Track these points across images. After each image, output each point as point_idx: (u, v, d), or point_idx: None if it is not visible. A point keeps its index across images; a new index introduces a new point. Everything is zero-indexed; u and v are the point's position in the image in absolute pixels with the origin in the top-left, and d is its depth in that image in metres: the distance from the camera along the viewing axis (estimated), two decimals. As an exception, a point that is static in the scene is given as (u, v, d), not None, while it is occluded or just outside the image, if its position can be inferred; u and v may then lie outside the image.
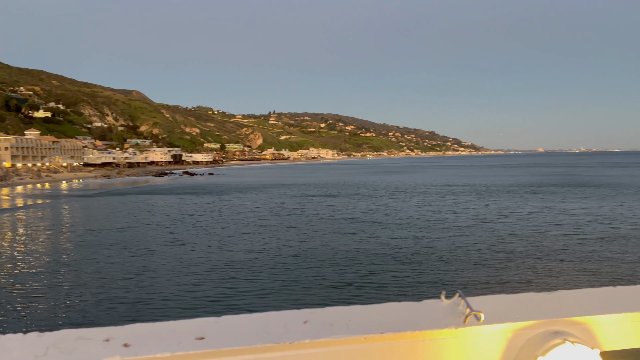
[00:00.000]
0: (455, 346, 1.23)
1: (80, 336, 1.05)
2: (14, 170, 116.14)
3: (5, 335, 1.02)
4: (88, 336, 1.06)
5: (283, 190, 76.95)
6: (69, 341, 1.04)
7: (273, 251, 26.44)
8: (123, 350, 1.02)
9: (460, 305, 1.30)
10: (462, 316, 1.26)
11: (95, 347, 1.03)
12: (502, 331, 1.26)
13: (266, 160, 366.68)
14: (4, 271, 23.01)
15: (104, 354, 1.01)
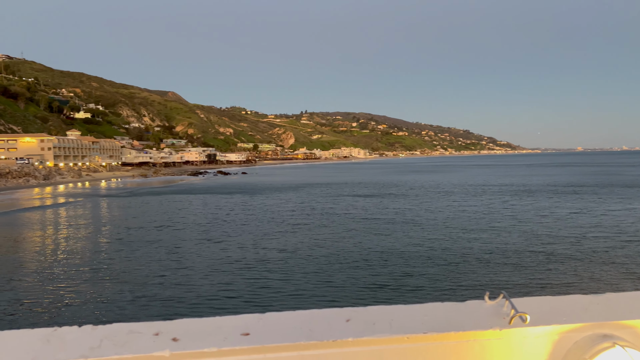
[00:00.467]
0: (499, 347, 1.21)
1: (131, 330, 1.10)
2: (57, 170, 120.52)
3: (62, 328, 1.07)
4: (139, 330, 1.10)
5: (315, 189, 77.12)
6: (121, 334, 1.08)
7: (306, 251, 26.52)
8: (172, 344, 1.06)
9: (505, 307, 1.29)
10: (507, 317, 1.25)
11: (146, 340, 1.07)
12: (549, 333, 1.24)
13: (298, 159, 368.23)
14: (48, 266, 23.89)
15: (154, 348, 1.04)
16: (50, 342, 1.04)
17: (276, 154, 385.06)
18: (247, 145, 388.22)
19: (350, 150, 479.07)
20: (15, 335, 1.04)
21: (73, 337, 1.07)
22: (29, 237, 33.96)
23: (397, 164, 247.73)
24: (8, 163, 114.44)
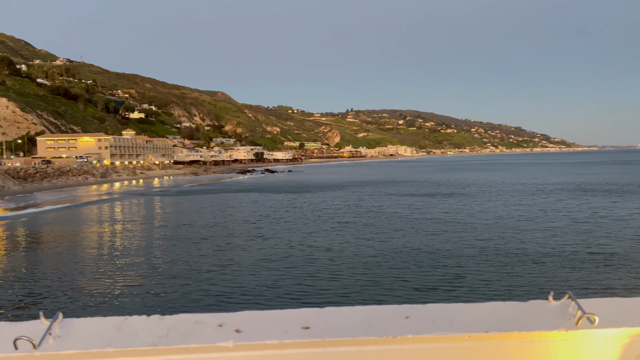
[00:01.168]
0: (565, 349, 1.16)
1: (196, 320, 1.13)
2: (113, 168, 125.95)
3: (132, 317, 1.13)
4: (203, 321, 1.13)
5: (361, 187, 76.81)
6: (187, 324, 1.12)
7: (353, 250, 26.44)
8: (235, 335, 1.08)
9: (571, 307, 1.25)
10: (573, 318, 1.21)
11: (210, 331, 1.10)
12: (618, 336, 1.17)
13: (343, 158, 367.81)
14: (108, 259, 25.01)
15: (218, 338, 1.07)
16: (122, 330, 1.09)
17: (322, 152, 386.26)
18: (294, 144, 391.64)
19: (396, 148, 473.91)
20: (90, 323, 1.09)
21: (142, 326, 1.11)
22: (88, 232, 35.67)
23: (446, 162, 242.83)
24: (69, 161, 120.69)
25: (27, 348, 0.99)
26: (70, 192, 76.16)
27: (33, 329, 1.05)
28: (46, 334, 1.03)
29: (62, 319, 1.09)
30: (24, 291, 19.67)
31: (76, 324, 1.10)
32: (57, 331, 1.05)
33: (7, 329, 1.05)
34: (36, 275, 22.22)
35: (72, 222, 41.98)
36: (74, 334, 1.06)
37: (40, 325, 1.06)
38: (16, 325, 1.08)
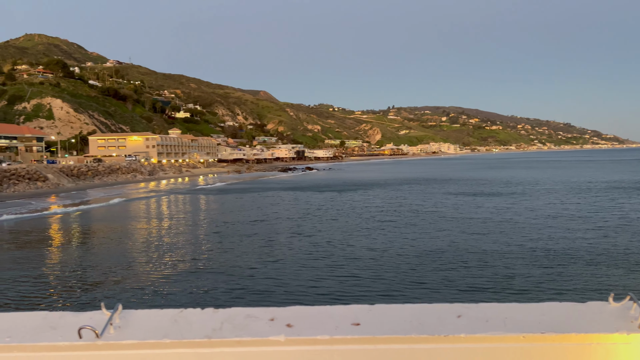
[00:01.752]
0: (627, 353, 1.11)
1: (249, 314, 1.16)
2: (160, 166, 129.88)
3: (187, 309, 1.17)
4: (255, 315, 1.15)
5: (402, 186, 75.96)
6: (239, 318, 1.14)
7: (396, 250, 26.16)
8: (287, 330, 1.09)
9: (633, 309, 1.20)
10: (636, 321, 1.16)
11: (262, 325, 1.12)
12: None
13: (385, 155, 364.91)
14: (158, 255, 25.81)
15: (270, 332, 1.09)
16: (178, 322, 1.12)
17: (363, 150, 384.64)
18: (334, 142, 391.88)
19: (439, 145, 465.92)
20: (147, 314, 1.15)
21: (197, 319, 1.14)
22: (138, 227, 36.94)
23: (491, 160, 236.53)
24: (118, 160, 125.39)
25: (91, 337, 1.04)
26: (119, 189, 79.12)
27: (95, 319, 1.10)
28: (107, 324, 1.08)
29: (121, 310, 1.15)
30: (83, 283, 20.58)
31: (135, 315, 1.15)
32: (117, 322, 1.10)
33: (72, 319, 1.11)
34: (93, 268, 23.20)
35: (122, 217, 43.59)
36: (133, 324, 1.11)
37: (101, 315, 1.11)
38: (80, 316, 1.12)
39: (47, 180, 79.94)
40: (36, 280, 21.29)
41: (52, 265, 24.71)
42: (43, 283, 20.94)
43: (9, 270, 23.21)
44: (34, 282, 20.96)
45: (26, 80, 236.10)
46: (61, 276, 22.16)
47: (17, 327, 1.08)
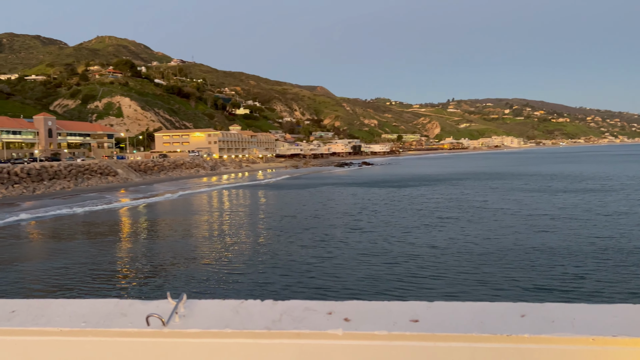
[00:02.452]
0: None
1: (307, 307, 1.17)
2: (221, 161, 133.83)
3: (247, 301, 1.20)
4: (314, 308, 1.16)
5: (463, 181, 73.91)
6: (298, 311, 1.16)
7: (457, 247, 25.50)
8: (344, 324, 1.10)
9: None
10: None
11: (320, 318, 1.13)
12: None
13: (444, 150, 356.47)
14: (219, 247, 26.65)
15: (328, 326, 1.09)
16: (239, 313, 1.16)
17: (421, 144, 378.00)
18: (391, 136, 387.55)
19: (502, 139, 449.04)
20: (210, 304, 1.19)
21: (258, 310, 1.17)
22: (201, 220, 38.25)
23: (557, 154, 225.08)
24: (182, 155, 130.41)
25: (157, 324, 1.10)
26: (183, 184, 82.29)
27: (162, 308, 1.16)
28: (173, 313, 1.13)
29: (186, 299, 1.19)
30: (150, 273, 21.63)
31: (198, 305, 1.19)
32: (182, 311, 1.16)
33: (141, 307, 1.18)
34: (159, 259, 24.32)
35: (186, 210, 45.34)
36: (196, 314, 1.15)
37: (167, 304, 1.17)
38: (148, 304, 1.19)
39: (117, 175, 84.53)
40: (109, 270, 22.57)
41: (122, 256, 26.11)
42: (115, 272, 22.18)
43: (85, 259, 24.76)
44: (107, 271, 22.23)
45: (98, 81, 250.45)
46: (131, 266, 23.38)
47: (92, 313, 1.15)
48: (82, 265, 23.36)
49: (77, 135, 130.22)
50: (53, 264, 23.87)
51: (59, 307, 1.19)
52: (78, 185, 73.32)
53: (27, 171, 67.88)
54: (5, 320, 1.13)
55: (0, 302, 1.22)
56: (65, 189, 69.45)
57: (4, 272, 22.47)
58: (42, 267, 23.67)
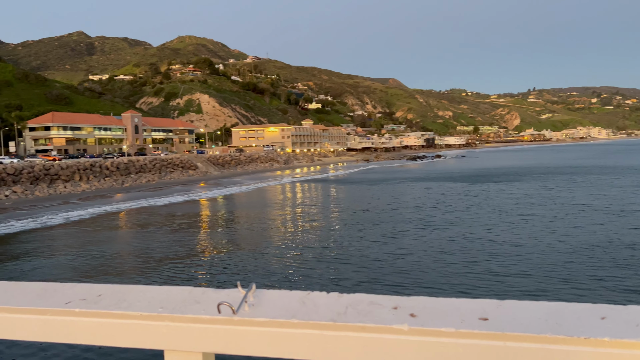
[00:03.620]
0: None
1: (372, 301, 1.16)
2: (294, 155, 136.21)
3: (314, 292, 1.21)
4: (379, 302, 1.15)
5: (545, 176, 69.85)
6: (363, 304, 1.15)
7: (542, 246, 24.11)
8: (410, 319, 1.08)
9: None
10: None
11: (386, 313, 1.11)
12: None
13: (524, 142, 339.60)
14: (290, 239, 27.11)
15: (394, 321, 1.08)
16: (306, 304, 1.17)
17: (499, 136, 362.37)
18: (467, 128, 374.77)
19: (588, 130, 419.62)
20: (278, 295, 1.22)
21: (323, 302, 1.17)
22: (274, 213, 39.11)
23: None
24: (257, 150, 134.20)
25: (228, 312, 1.15)
26: (258, 177, 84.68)
27: (232, 297, 1.20)
28: (242, 302, 1.17)
29: (255, 289, 1.23)
30: (223, 262, 22.46)
31: (267, 294, 1.22)
32: (251, 300, 1.19)
33: (213, 295, 1.23)
34: (232, 248, 25.19)
35: (260, 203, 46.62)
36: (265, 303, 1.19)
37: (237, 293, 1.21)
38: (219, 292, 1.23)
39: (197, 169, 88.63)
40: (186, 258, 23.70)
41: (198, 244, 27.31)
42: (191, 260, 23.24)
43: (165, 248, 26.18)
44: (185, 260, 23.35)
45: (179, 79, 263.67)
46: (206, 255, 24.39)
47: (168, 299, 1.23)
48: (161, 252, 24.70)
49: (161, 131, 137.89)
50: (136, 249, 25.48)
51: (139, 292, 1.28)
52: (162, 178, 77.74)
53: (117, 165, 72.97)
54: (93, 303, 1.24)
55: (89, 287, 1.33)
56: (150, 181, 73.91)
57: (92, 255, 24.29)
58: (125, 251, 25.36)
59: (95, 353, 12.45)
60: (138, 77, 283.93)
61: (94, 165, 69.22)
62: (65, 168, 64.04)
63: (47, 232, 33.03)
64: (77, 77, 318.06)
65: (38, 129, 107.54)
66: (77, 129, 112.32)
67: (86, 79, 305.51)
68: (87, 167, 67.62)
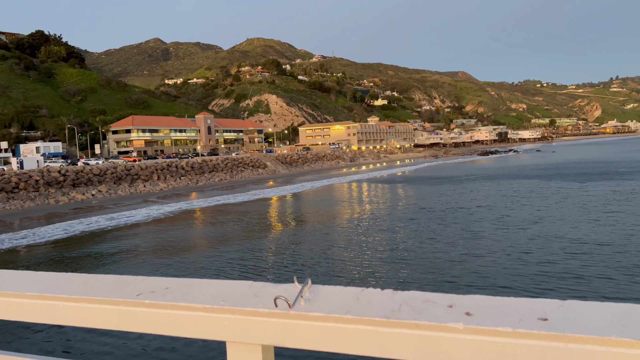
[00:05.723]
0: None
1: (427, 299, 1.14)
2: (360, 152, 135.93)
3: (368, 289, 1.21)
4: (434, 300, 1.14)
5: (632, 170, 64.85)
6: (418, 302, 1.14)
7: (631, 245, 22.46)
8: (465, 318, 1.05)
9: None
10: None
11: (440, 311, 1.09)
12: None
13: (605, 134, 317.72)
14: (355, 237, 27.09)
15: (448, 319, 1.06)
16: (360, 300, 1.17)
17: (578, 128, 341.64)
18: (543, 121, 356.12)
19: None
20: (333, 290, 1.24)
21: (377, 299, 1.18)
22: (338, 211, 39.23)
23: None
24: (324, 148, 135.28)
25: (284, 306, 1.17)
26: (325, 175, 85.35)
27: (289, 291, 1.22)
28: (298, 296, 1.19)
29: (311, 284, 1.24)
30: (287, 258, 22.87)
31: (322, 290, 1.24)
32: (307, 295, 1.21)
33: (271, 289, 1.26)
34: (299, 245, 25.58)
35: (326, 201, 46.95)
36: (320, 298, 1.20)
37: (294, 288, 1.23)
38: (277, 287, 1.26)
39: (266, 167, 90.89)
40: (251, 255, 24.35)
41: (264, 241, 27.97)
42: (256, 255, 23.85)
43: (232, 245, 27.06)
44: (250, 257, 24.01)
45: (248, 80, 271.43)
46: (271, 251, 24.93)
47: (229, 293, 1.28)
48: (232, 248, 25.55)
49: (232, 132, 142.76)
50: (210, 244, 26.55)
51: (203, 286, 1.33)
52: (233, 177, 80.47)
53: (191, 165, 76.41)
54: (161, 295, 1.31)
55: (158, 280, 1.40)
56: (222, 180, 76.74)
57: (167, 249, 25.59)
58: (200, 245, 26.50)
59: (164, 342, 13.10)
60: (210, 80, 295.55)
61: (170, 165, 72.93)
62: (145, 168, 67.98)
63: (130, 230, 35.25)
64: (154, 82, 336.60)
65: (120, 132, 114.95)
66: (154, 131, 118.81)
67: (162, 83, 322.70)
68: (165, 167, 71.38)
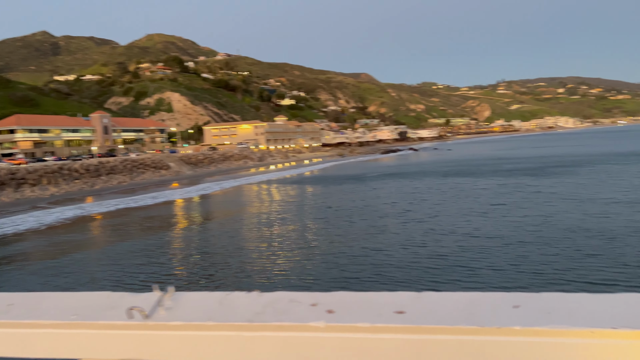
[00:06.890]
0: None
1: (292, 299, 1.15)
2: (268, 152, 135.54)
3: (234, 292, 1.19)
4: (298, 299, 1.15)
5: (518, 165, 71.38)
6: (282, 302, 1.14)
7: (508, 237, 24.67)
8: (327, 315, 1.07)
9: None
10: None
11: (304, 310, 1.10)
12: None
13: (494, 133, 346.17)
14: (262, 238, 26.99)
15: (311, 318, 1.07)
16: (223, 305, 1.15)
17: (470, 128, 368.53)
18: (439, 121, 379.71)
19: (555, 119, 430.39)
20: (197, 297, 1.19)
21: (242, 302, 1.15)
22: (248, 212, 38.86)
23: (620, 133, 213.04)
24: (231, 147, 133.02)
25: (140, 317, 1.11)
26: (232, 175, 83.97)
27: (149, 300, 1.16)
28: (156, 306, 1.13)
29: (173, 292, 1.18)
30: (197, 264, 22.21)
31: (185, 297, 1.18)
32: (168, 303, 1.15)
33: (130, 299, 1.18)
34: (208, 250, 24.95)
35: (235, 202, 46.25)
36: (182, 306, 1.15)
37: (154, 297, 1.17)
38: (136, 296, 1.19)
39: (169, 169, 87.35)
40: (149, 261, 23.34)
41: (177, 247, 26.94)
42: (168, 263, 22.91)
43: (143, 251, 25.72)
44: (161, 262, 23.00)
45: (148, 77, 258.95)
46: (173, 255, 24.08)
47: (83, 306, 1.18)
48: (138, 255, 24.28)
49: (131, 131, 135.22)
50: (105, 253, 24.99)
51: (55, 300, 1.22)
52: (133, 179, 76.34)
53: (86, 167, 71.30)
54: (3, 313, 1.18)
55: (0, 296, 1.26)
56: (122, 183, 72.51)
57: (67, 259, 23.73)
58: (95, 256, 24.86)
59: None
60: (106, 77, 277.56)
61: (62, 168, 67.49)
62: (33, 171, 62.28)
63: (16, 238, 32.11)
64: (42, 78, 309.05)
65: (3, 132, 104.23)
66: (44, 131, 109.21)
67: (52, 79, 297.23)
68: (56, 170, 65.89)
